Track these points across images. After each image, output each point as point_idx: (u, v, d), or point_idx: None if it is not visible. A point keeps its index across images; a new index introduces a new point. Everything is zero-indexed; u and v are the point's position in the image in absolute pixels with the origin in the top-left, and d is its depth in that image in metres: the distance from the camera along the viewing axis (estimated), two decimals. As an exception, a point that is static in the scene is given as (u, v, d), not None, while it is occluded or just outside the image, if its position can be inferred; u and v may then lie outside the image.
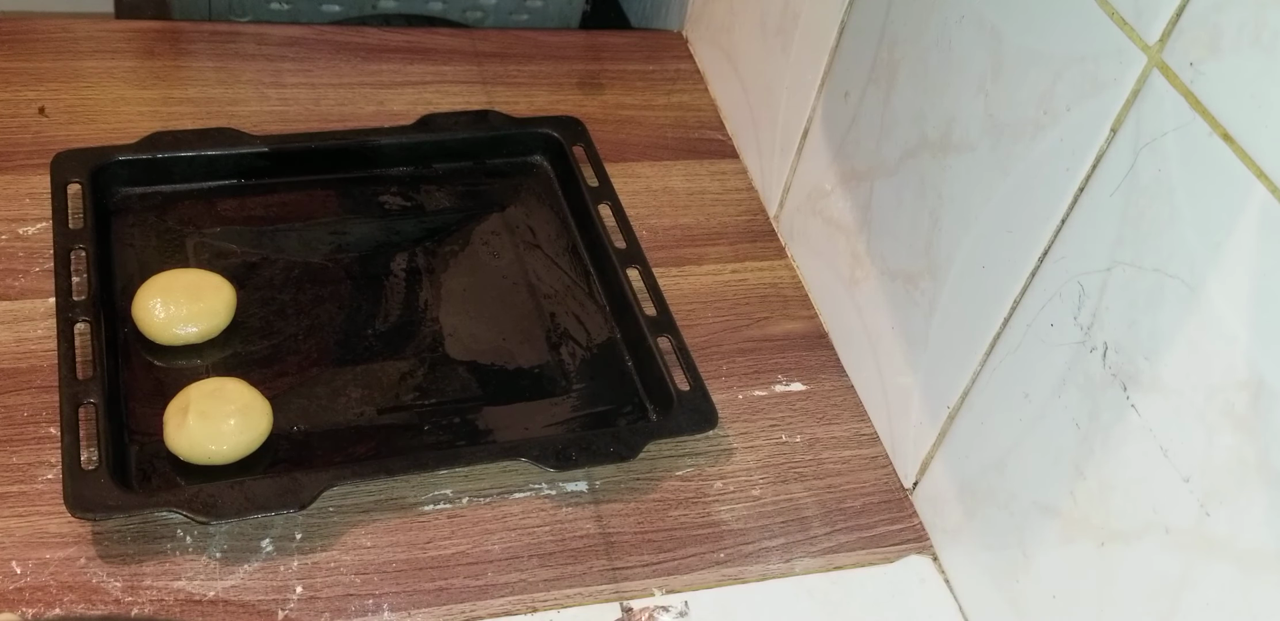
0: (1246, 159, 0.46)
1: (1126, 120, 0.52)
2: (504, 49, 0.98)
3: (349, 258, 0.78)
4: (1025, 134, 0.58)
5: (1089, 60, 0.54)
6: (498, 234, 0.82)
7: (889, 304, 0.72)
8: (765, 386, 0.76)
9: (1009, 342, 0.61)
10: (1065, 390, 0.57)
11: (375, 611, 0.62)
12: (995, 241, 0.62)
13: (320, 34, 0.95)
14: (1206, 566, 0.49)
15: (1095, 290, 0.54)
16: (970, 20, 0.62)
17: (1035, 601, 0.61)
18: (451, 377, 0.73)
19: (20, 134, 0.83)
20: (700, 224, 0.86)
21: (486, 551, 0.66)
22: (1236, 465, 0.47)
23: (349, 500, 0.67)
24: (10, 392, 0.68)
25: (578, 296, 0.79)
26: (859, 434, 0.75)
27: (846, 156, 0.77)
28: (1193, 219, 0.49)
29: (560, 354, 0.75)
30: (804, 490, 0.71)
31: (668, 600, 0.65)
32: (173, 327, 0.70)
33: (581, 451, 0.68)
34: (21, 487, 0.64)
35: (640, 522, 0.68)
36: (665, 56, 1.01)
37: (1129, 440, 0.53)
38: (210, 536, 0.64)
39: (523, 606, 0.64)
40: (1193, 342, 0.49)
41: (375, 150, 0.84)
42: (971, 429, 0.65)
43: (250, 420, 0.66)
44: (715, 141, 0.93)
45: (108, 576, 0.62)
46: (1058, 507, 0.58)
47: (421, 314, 0.76)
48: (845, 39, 0.75)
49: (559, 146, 0.86)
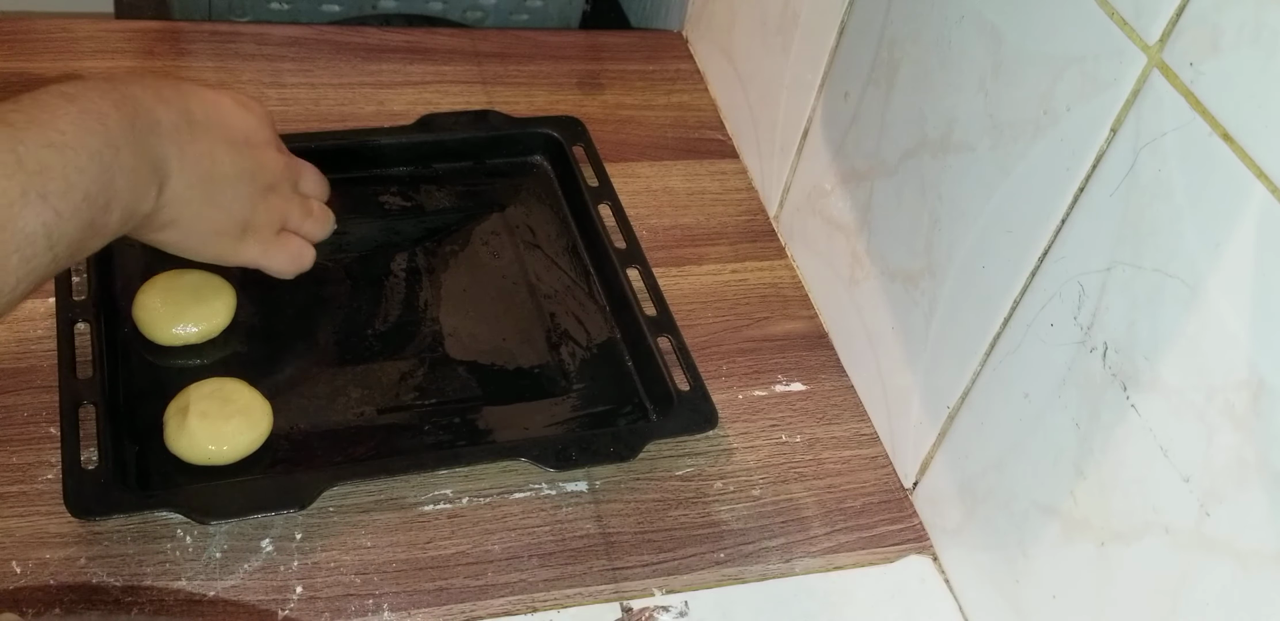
0: (1246, 159, 0.46)
1: (1126, 120, 0.52)
2: (504, 49, 0.98)
3: (349, 257, 0.78)
4: (1025, 134, 0.58)
5: (1089, 60, 0.54)
6: (498, 234, 0.82)
7: (889, 304, 0.72)
8: (765, 386, 0.76)
9: (1009, 342, 0.61)
10: (1065, 390, 0.57)
11: (375, 611, 0.62)
12: (995, 241, 0.62)
13: (320, 34, 0.95)
14: (1206, 566, 0.49)
15: (1095, 290, 0.54)
16: (970, 20, 0.62)
17: (1035, 601, 0.61)
18: (451, 377, 0.73)
19: (20, 134, 0.83)
20: (700, 224, 0.86)
21: (486, 551, 0.66)
22: (1236, 465, 0.47)
23: (349, 500, 0.67)
24: (10, 392, 0.68)
25: (578, 296, 0.79)
26: (859, 434, 0.75)
27: (846, 156, 0.77)
28: (1193, 219, 0.49)
29: (560, 354, 0.75)
30: (804, 490, 0.71)
31: (668, 600, 0.65)
32: (173, 328, 0.70)
33: (581, 451, 0.68)
34: (21, 487, 0.64)
35: (640, 522, 0.68)
36: (665, 56, 1.01)
37: (1129, 440, 0.53)
38: (210, 536, 0.64)
39: (523, 606, 0.64)
40: (1193, 342, 0.49)
41: (375, 150, 0.84)
42: (971, 429, 0.65)
43: (250, 420, 0.66)
44: (715, 141, 0.93)
45: (108, 576, 0.62)
46: (1058, 507, 0.58)
47: (421, 314, 0.76)
48: (845, 39, 0.76)
49: (559, 146, 0.86)
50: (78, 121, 0.53)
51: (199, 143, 0.61)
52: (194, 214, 0.61)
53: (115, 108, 0.55)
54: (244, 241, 0.66)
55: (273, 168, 0.67)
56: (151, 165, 0.57)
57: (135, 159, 0.56)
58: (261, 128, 0.67)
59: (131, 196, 0.56)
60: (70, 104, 0.54)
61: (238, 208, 0.64)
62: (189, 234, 0.63)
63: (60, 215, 0.51)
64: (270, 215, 0.67)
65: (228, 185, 0.63)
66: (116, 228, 0.56)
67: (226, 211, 0.63)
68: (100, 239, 0.56)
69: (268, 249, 0.67)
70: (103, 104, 0.55)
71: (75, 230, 0.53)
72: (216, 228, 0.64)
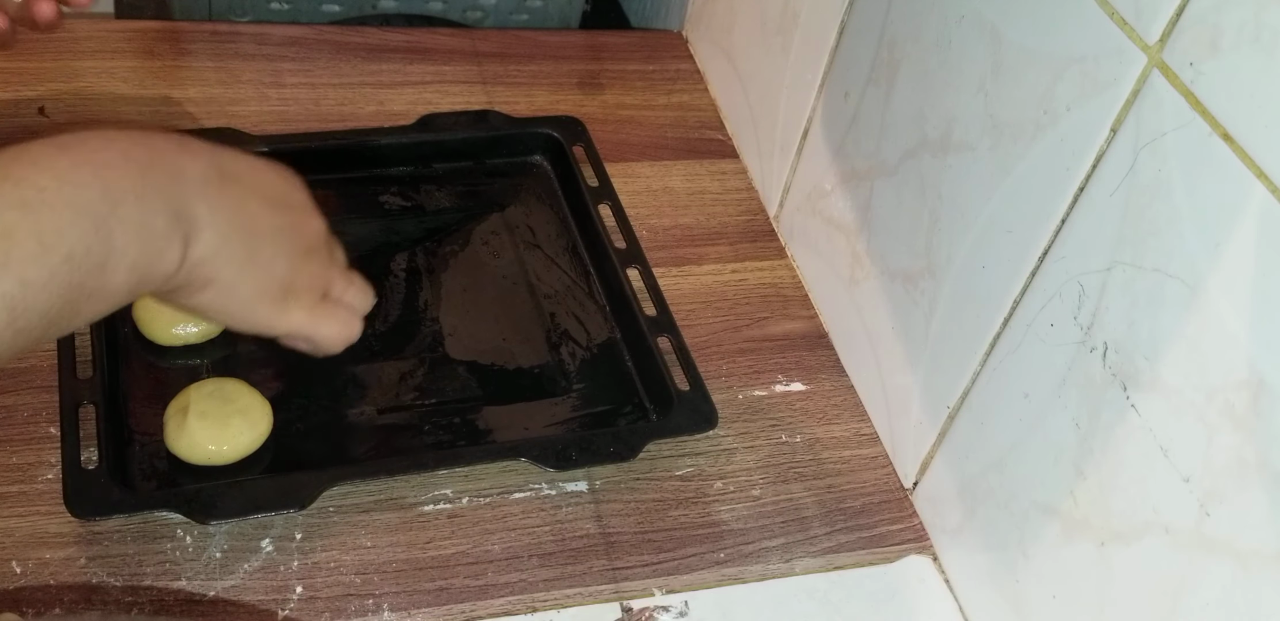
0: (1246, 159, 0.46)
1: (1126, 120, 0.52)
2: (504, 49, 0.98)
3: (349, 257, 0.78)
4: (1025, 134, 0.58)
5: (1089, 60, 0.54)
6: (498, 234, 0.82)
7: (889, 304, 0.72)
8: (765, 386, 0.76)
9: (1009, 342, 0.61)
10: (1065, 390, 0.57)
11: (375, 611, 0.62)
12: (995, 241, 0.62)
13: (320, 34, 0.95)
14: (1206, 566, 0.49)
15: (1095, 290, 0.54)
16: (970, 20, 0.62)
17: (1035, 601, 0.61)
18: (451, 377, 0.73)
19: (20, 134, 0.83)
20: (700, 224, 0.86)
21: (486, 551, 0.66)
22: (1236, 465, 0.47)
23: (349, 500, 0.67)
24: (10, 392, 0.68)
25: (578, 296, 0.79)
26: (859, 434, 0.75)
27: (846, 156, 0.77)
28: (1193, 219, 0.49)
29: (560, 354, 0.75)
30: (804, 490, 0.71)
31: (668, 600, 0.65)
32: (173, 327, 0.70)
33: (581, 451, 0.68)
34: (21, 487, 0.64)
35: (640, 522, 0.68)
36: (665, 56, 1.01)
37: (1129, 440, 0.53)
38: (210, 536, 0.64)
39: (523, 606, 0.64)
40: (1193, 343, 0.49)
41: (375, 150, 0.84)
42: (971, 429, 0.65)
43: (250, 420, 0.66)
44: (715, 141, 0.93)
45: (108, 576, 0.62)
46: (1058, 507, 0.58)
47: (421, 314, 0.76)
48: (845, 39, 0.76)
49: (559, 146, 0.86)
50: (66, 175, 0.48)
51: (232, 195, 0.55)
52: (234, 272, 0.55)
53: (122, 156, 0.50)
54: (287, 306, 0.60)
55: (311, 231, 0.62)
56: (172, 217, 0.51)
57: (145, 211, 0.50)
58: (297, 191, 0.62)
59: (143, 253, 0.50)
60: (61, 155, 0.48)
61: (279, 267, 0.58)
62: (230, 296, 0.56)
63: (26, 283, 0.45)
64: (313, 280, 0.61)
65: (268, 241, 0.57)
66: (127, 289, 0.50)
67: (268, 271, 0.57)
68: (102, 302, 0.49)
69: (314, 316, 0.61)
70: (106, 154, 0.50)
71: (52, 297, 0.46)
72: (259, 288, 0.57)
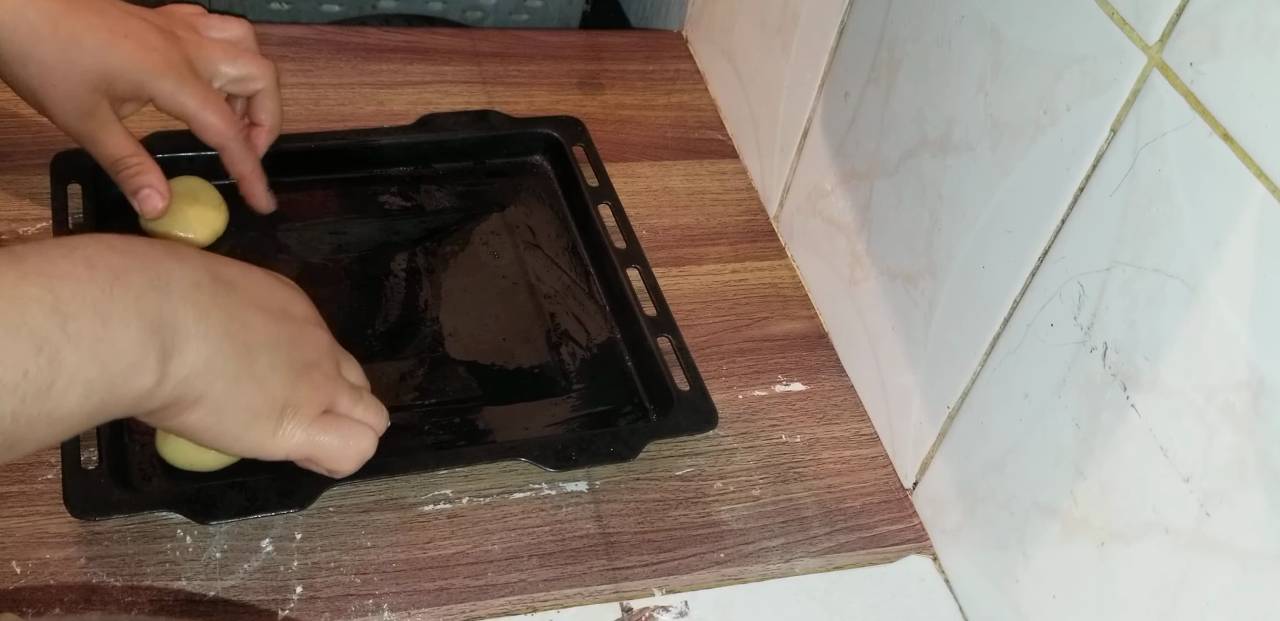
0: (1246, 159, 0.46)
1: (1126, 120, 0.52)
2: (504, 49, 0.98)
3: (349, 258, 0.78)
4: (1025, 134, 0.58)
5: (1089, 60, 0.54)
6: (498, 234, 0.82)
7: (889, 304, 0.72)
8: (765, 386, 0.76)
9: (1009, 342, 0.61)
10: (1065, 390, 0.57)
11: (375, 611, 0.62)
12: (995, 241, 0.62)
13: (320, 34, 0.95)
14: (1206, 566, 0.49)
15: (1095, 290, 0.54)
16: (970, 20, 0.62)
17: (1035, 601, 0.61)
18: (451, 377, 0.73)
19: (20, 134, 0.83)
20: (700, 224, 0.86)
21: (486, 551, 0.66)
22: (1236, 465, 0.47)
23: (349, 500, 0.67)
24: (10, 392, 0.68)
25: (578, 296, 0.79)
26: (859, 434, 0.75)
27: (846, 156, 0.77)
28: (1193, 219, 0.49)
29: (560, 354, 0.75)
30: (804, 490, 0.71)
31: (668, 600, 0.65)
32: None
33: (581, 451, 0.68)
34: (21, 487, 0.64)
35: (640, 522, 0.68)
36: (665, 56, 1.01)
37: (1129, 440, 0.53)
38: (210, 536, 0.64)
39: (523, 606, 0.64)
40: (1193, 343, 0.49)
41: (375, 150, 0.84)
42: (971, 429, 0.65)
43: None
44: (715, 141, 0.93)
45: (108, 576, 0.62)
46: (1058, 507, 0.58)
47: (421, 314, 0.76)
48: (845, 39, 0.76)
49: (559, 146, 0.86)
50: (7, 290, 0.43)
51: (225, 303, 0.52)
52: (225, 389, 0.51)
53: (85, 265, 0.46)
54: (283, 426, 0.55)
55: (313, 344, 0.58)
56: (147, 329, 0.47)
57: (107, 326, 0.46)
58: (300, 302, 0.59)
59: (103, 373, 0.45)
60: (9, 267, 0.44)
61: (275, 383, 0.54)
62: (221, 415, 0.52)
63: None
64: (314, 395, 0.57)
65: (263, 354, 0.53)
66: (85, 413, 0.46)
67: (262, 387, 0.53)
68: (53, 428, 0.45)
69: (312, 432, 0.57)
70: (64, 263, 0.45)
71: None
72: (252, 406, 0.53)
